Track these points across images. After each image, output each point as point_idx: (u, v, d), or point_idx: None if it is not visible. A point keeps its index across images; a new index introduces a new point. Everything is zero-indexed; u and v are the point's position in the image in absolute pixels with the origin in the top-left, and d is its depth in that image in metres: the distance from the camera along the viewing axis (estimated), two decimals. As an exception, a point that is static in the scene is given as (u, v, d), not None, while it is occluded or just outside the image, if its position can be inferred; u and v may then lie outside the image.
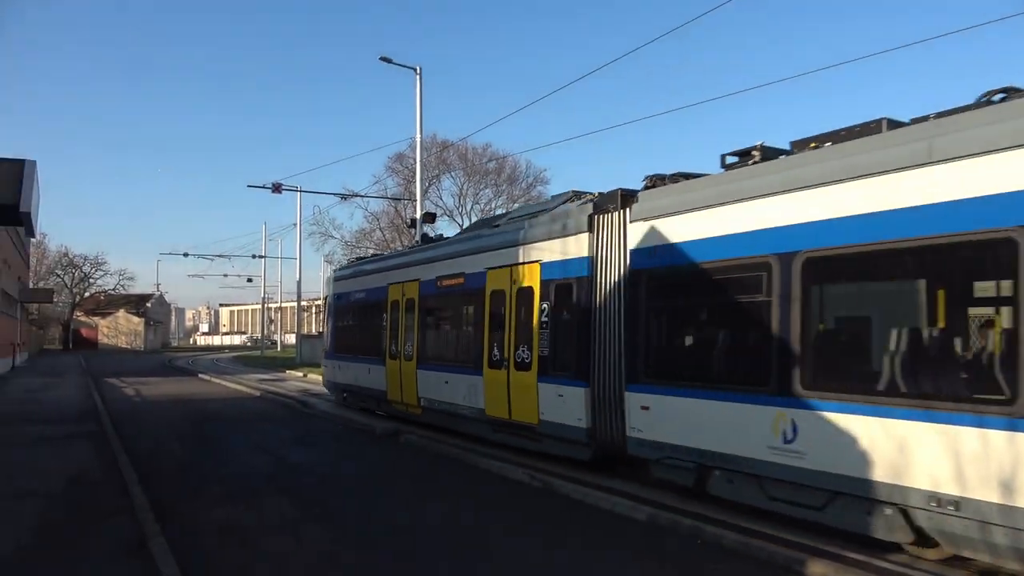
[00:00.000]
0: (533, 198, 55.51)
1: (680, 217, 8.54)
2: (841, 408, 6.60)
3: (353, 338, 18.47)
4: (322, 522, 7.99)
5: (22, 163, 13.27)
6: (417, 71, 25.43)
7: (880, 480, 6.27)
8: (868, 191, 6.54)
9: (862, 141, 6.93)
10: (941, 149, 6.03)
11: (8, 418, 16.85)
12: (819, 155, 7.31)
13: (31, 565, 6.29)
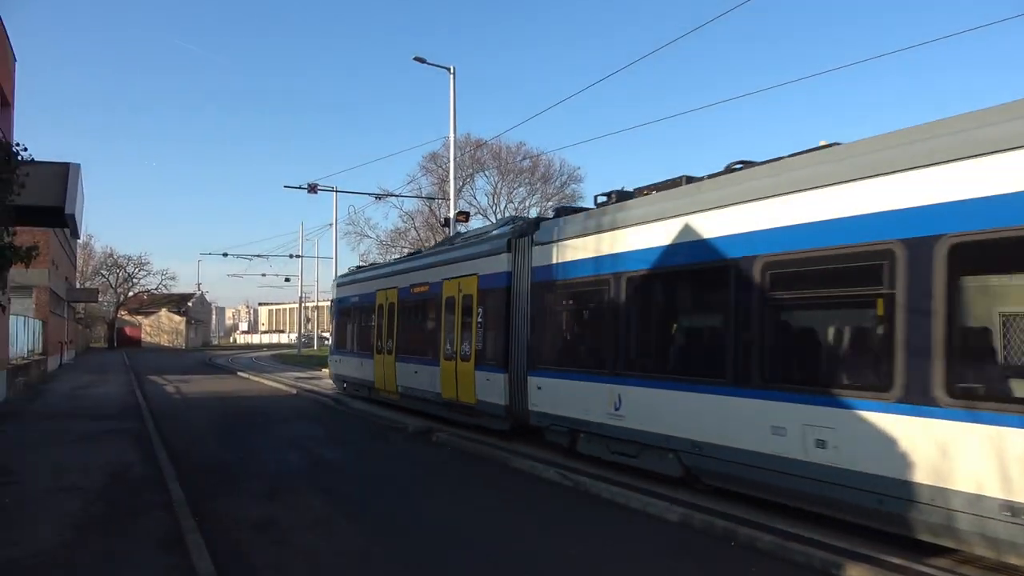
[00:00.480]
0: (567, 196, 55.33)
1: (560, 244, 11.35)
2: (644, 384, 9.44)
3: (351, 336, 21.38)
4: (354, 519, 8.05)
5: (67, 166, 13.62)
6: (451, 71, 25.50)
7: (661, 433, 9.01)
8: (671, 228, 9.09)
9: (667, 192, 9.78)
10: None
11: (56, 414, 17.34)
12: (639, 201, 10.11)
13: (71, 559, 6.43)
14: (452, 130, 26.37)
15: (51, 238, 33.08)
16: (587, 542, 7.19)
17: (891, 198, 6.54)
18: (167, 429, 15.01)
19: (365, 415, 17.57)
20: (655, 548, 7.00)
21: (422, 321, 16.43)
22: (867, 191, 6.77)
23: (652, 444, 9.21)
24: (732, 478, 8.12)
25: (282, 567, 6.39)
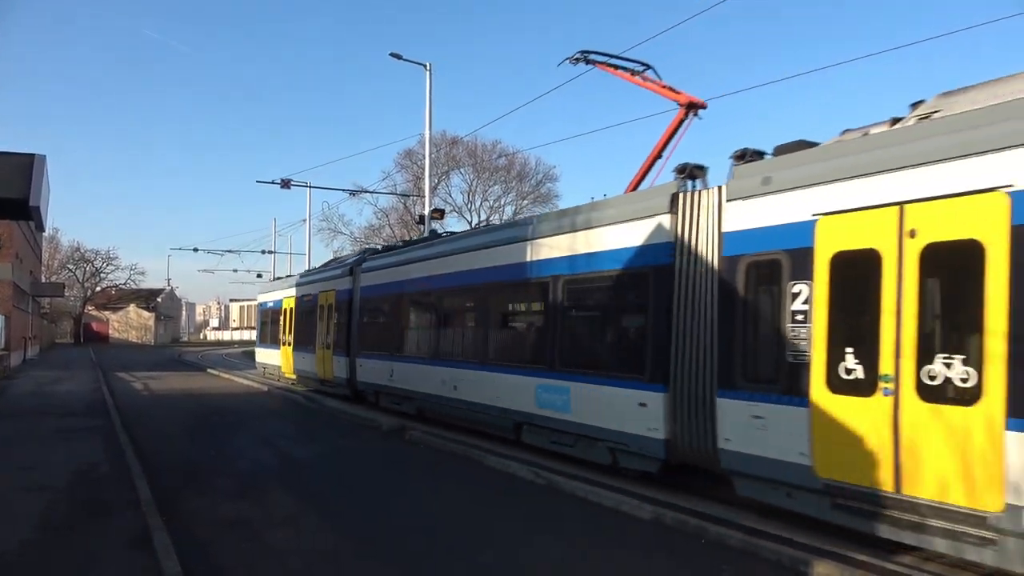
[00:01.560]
0: (542, 195, 55.46)
1: (371, 272, 17.78)
2: (404, 360, 15.46)
3: (268, 332, 28.06)
4: (325, 517, 8.00)
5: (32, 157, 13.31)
6: (427, 67, 25.38)
7: (406, 388, 15.25)
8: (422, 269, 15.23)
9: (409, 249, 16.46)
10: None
11: (19, 411, 16.97)
12: (396, 254, 16.80)
13: (35, 559, 6.31)
14: (427, 127, 26.28)
15: (15, 231, 32.41)
16: (562, 540, 7.22)
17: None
18: (135, 427, 14.76)
19: (337, 413, 17.45)
20: (628, 545, 7.05)
21: (308, 321, 21.81)
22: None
23: (401, 394, 15.53)
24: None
25: (251, 566, 6.34)
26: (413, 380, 14.92)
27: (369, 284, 17.65)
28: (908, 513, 6.11)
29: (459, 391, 12.95)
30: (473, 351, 12.83)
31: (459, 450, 11.97)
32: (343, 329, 18.85)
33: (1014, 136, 5.55)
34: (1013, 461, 5.38)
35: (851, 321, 6.65)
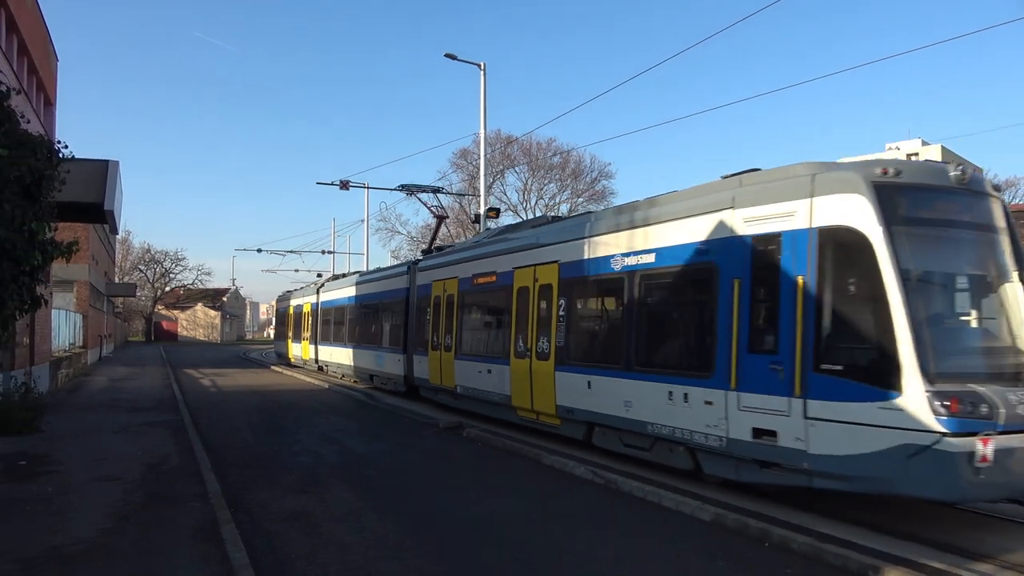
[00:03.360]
0: (597, 193, 55.14)
1: (427, 272, 18.16)
2: (468, 359, 15.63)
3: (291, 330, 36.10)
4: (384, 512, 8.10)
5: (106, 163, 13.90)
6: (481, 67, 25.49)
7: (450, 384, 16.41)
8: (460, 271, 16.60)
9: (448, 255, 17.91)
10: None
11: (96, 406, 17.75)
12: (443, 255, 18.42)
13: (111, 547, 6.57)
14: (482, 126, 26.37)
15: (91, 234, 33.80)
16: (619, 541, 7.15)
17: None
18: (203, 422, 15.27)
19: (395, 410, 17.68)
20: (688, 548, 6.94)
21: (360, 321, 24.54)
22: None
23: (444, 388, 16.61)
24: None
25: (314, 559, 6.46)
26: (462, 376, 15.50)
27: (424, 283, 18.05)
28: (532, 413, 12.80)
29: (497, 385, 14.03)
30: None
31: (516, 448, 11.98)
32: (401, 327, 19.68)
33: (560, 241, 12.22)
34: (560, 387, 11.65)
35: (521, 322, 13.19)
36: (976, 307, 7.92)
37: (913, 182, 7.67)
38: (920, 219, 7.66)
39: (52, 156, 7.70)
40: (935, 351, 6.94)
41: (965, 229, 7.86)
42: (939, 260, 7.83)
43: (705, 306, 8.94)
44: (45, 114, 20.03)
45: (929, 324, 7.17)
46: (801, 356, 7.49)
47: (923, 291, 7.40)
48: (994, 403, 6.62)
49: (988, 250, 7.91)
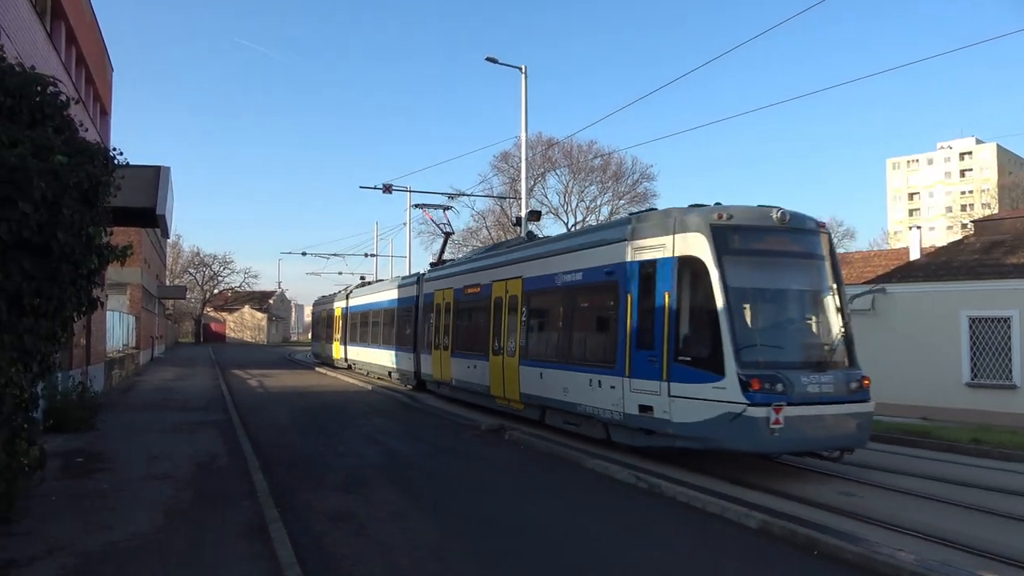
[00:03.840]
0: (639, 195, 54.70)
1: (444, 281, 19.75)
2: (461, 355, 18.15)
3: (322, 332, 40.88)
4: (429, 514, 8.14)
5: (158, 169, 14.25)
6: (523, 70, 25.51)
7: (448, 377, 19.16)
8: (453, 283, 19.38)
9: (446, 269, 21.16)
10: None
11: (148, 405, 18.24)
12: (445, 269, 21.24)
13: (163, 543, 6.74)
14: (523, 129, 26.37)
15: (143, 238, 34.77)
16: (663, 547, 7.06)
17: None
18: (250, 421, 15.57)
19: (438, 412, 17.78)
20: (734, 556, 6.82)
21: (377, 324, 27.76)
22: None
23: (444, 382, 19.44)
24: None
25: (359, 559, 6.52)
26: (456, 371, 18.48)
27: (428, 292, 21.30)
28: (504, 400, 15.36)
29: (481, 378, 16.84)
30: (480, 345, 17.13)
31: (557, 451, 11.94)
32: (410, 329, 23.06)
33: (524, 260, 14.87)
34: (522, 378, 14.07)
35: (497, 325, 15.84)
36: (789, 314, 10.78)
37: (741, 223, 10.39)
38: (745, 250, 10.35)
39: (108, 163, 7.90)
40: (747, 346, 9.64)
41: (784, 256, 10.63)
42: (759, 280, 10.45)
43: (611, 314, 11.64)
44: (101, 122, 20.68)
45: (745, 327, 10.03)
46: (667, 350, 10.17)
47: (743, 302, 10.18)
48: (788, 383, 9.30)
49: (805, 272, 10.75)
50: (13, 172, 6.39)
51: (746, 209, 10.88)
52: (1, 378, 6.46)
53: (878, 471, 10.68)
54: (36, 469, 7.77)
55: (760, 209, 10.83)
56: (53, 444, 11.00)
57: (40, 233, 6.65)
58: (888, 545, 6.66)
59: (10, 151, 6.48)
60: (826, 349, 10.37)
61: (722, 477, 9.82)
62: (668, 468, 10.33)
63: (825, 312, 10.67)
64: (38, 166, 6.55)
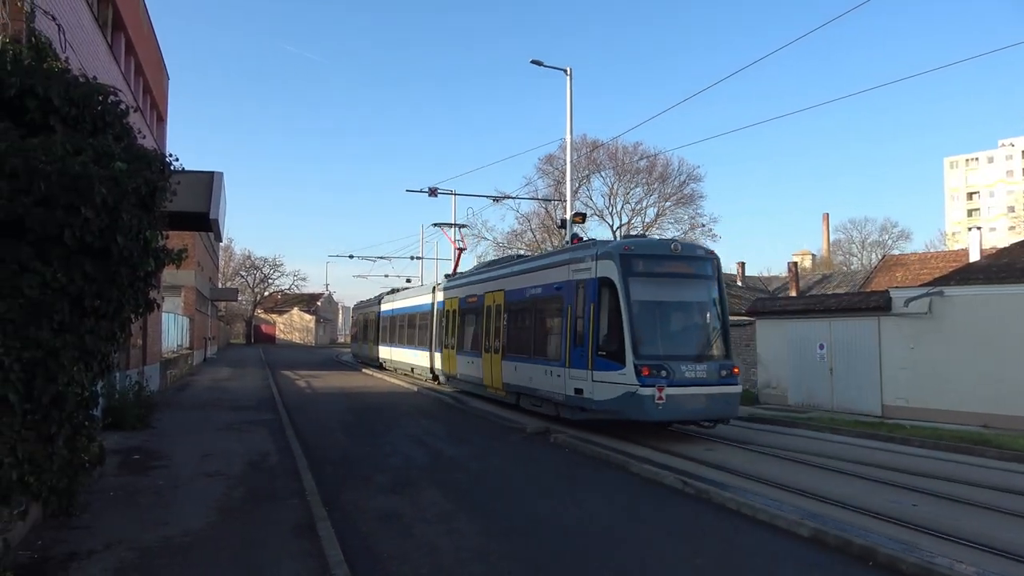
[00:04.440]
0: (686, 196, 54.04)
1: (451, 291, 23.29)
2: (464, 353, 21.70)
3: (360, 334, 44.98)
4: (474, 516, 8.17)
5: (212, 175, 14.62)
6: (567, 72, 25.47)
7: (465, 375, 21.84)
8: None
9: (461, 278, 24.68)
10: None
11: (201, 404, 18.72)
12: (455, 280, 24.90)
13: (216, 540, 6.90)
14: (568, 131, 26.31)
15: (197, 241, 35.73)
16: (711, 556, 6.95)
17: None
18: (299, 421, 15.86)
19: (483, 414, 17.84)
20: (786, 566, 6.67)
21: (410, 327, 30.31)
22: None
23: (451, 375, 23.09)
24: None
25: (406, 558, 6.58)
26: (460, 367, 22.25)
27: (443, 299, 25.20)
28: (493, 389, 18.76)
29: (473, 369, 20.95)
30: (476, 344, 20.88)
31: (603, 454, 11.86)
32: (428, 331, 26.90)
33: (504, 276, 18.85)
34: (504, 371, 17.76)
35: (488, 328, 19.43)
36: (677, 320, 14.15)
37: (643, 253, 13.91)
38: (644, 272, 13.59)
39: (164, 169, 8.14)
40: (642, 343, 13.03)
41: (675, 277, 13.99)
42: (655, 294, 13.70)
43: (558, 320, 15.23)
44: (157, 129, 21.33)
45: (642, 329, 13.25)
46: (591, 347, 13.63)
47: (642, 311, 13.38)
48: (670, 370, 12.71)
49: (692, 288, 14.13)
50: (77, 180, 6.63)
51: (650, 241, 15.78)
52: (64, 377, 6.70)
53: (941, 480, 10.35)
54: (96, 465, 8.05)
55: (661, 241, 15.93)
56: (111, 441, 11.37)
57: (101, 237, 6.89)
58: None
59: (74, 159, 6.73)
60: (704, 345, 13.85)
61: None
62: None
63: (706, 318, 14.15)
64: (99, 173, 6.79)
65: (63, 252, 6.73)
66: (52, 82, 7.12)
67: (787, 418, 17.64)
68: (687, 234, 54.01)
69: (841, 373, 19.70)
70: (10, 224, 6.51)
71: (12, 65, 7.07)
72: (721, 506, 8.69)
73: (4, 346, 6.21)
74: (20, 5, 8.46)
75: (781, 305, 24.15)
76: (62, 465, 7.02)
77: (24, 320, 6.40)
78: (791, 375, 21.23)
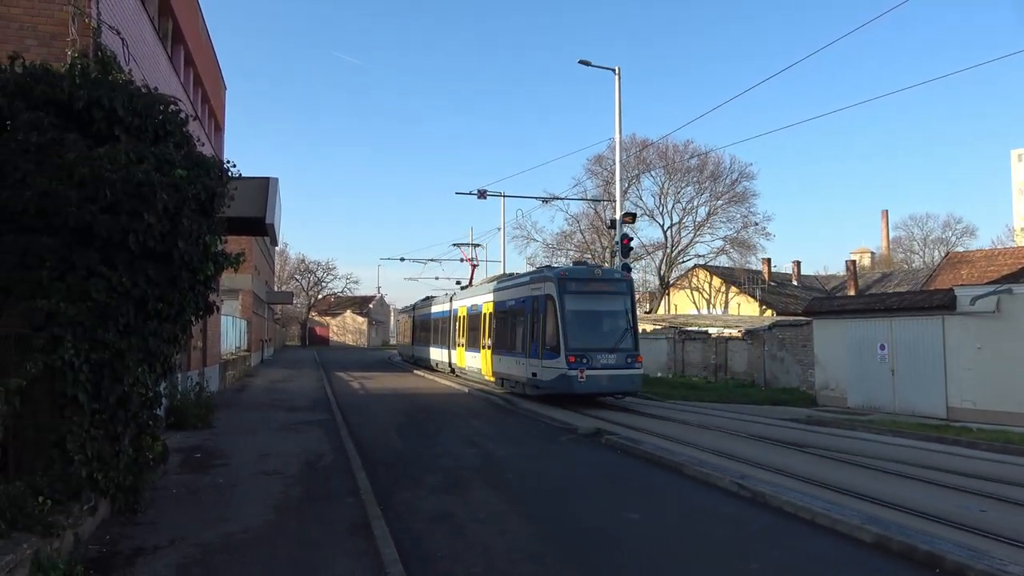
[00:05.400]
0: (738, 195, 53.14)
1: (461, 300, 30.20)
2: (470, 349, 27.89)
3: (402, 334, 49.83)
4: (526, 518, 8.15)
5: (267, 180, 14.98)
6: (616, 72, 25.33)
7: (474, 367, 27.67)
8: (484, 298, 26.97)
9: (470, 289, 31.80)
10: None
11: (258, 405, 19.18)
12: (476, 288, 30.37)
13: (274, 537, 7.05)
14: (617, 131, 26.14)
15: (253, 246, 36.62)
16: (769, 562, 6.79)
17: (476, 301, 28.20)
18: (353, 422, 16.10)
19: (534, 415, 17.82)
20: (847, 573, 6.47)
21: (432, 329, 36.22)
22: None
23: (461, 368, 29.20)
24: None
25: (458, 558, 6.61)
26: (468, 360, 28.41)
27: (456, 306, 31.23)
28: (488, 376, 25.07)
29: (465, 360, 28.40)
30: (472, 342, 27.45)
31: (656, 456, 11.71)
32: (448, 333, 32.33)
33: (494, 291, 25.07)
34: (493, 362, 24.09)
35: (485, 331, 26.07)
36: (597, 323, 19.33)
37: (574, 277, 19.71)
38: (575, 290, 19.20)
39: (223, 175, 8.38)
40: (572, 340, 18.39)
41: (597, 293, 19.75)
42: (582, 305, 19.20)
43: (524, 324, 20.93)
44: (215, 137, 21.95)
45: (572, 330, 18.62)
46: (541, 343, 19.25)
47: (573, 318, 18.81)
48: (589, 358, 18.19)
49: (609, 301, 19.88)
50: (140, 187, 6.88)
51: (580, 268, 21.63)
52: (129, 378, 6.95)
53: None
54: (160, 463, 8.32)
55: (588, 267, 22.10)
56: (173, 440, 11.73)
57: (163, 242, 7.13)
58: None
59: (137, 167, 6.97)
60: (615, 341, 19.20)
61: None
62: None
63: (618, 322, 19.73)
64: (161, 180, 7.03)
65: (127, 257, 6.99)
66: (117, 93, 7.40)
67: (846, 420, 17.16)
68: (739, 233, 53.21)
69: (903, 374, 19.08)
70: (79, 231, 6.79)
71: (80, 78, 7.37)
72: (779, 509, 8.48)
73: (74, 348, 6.47)
74: (87, 21, 8.82)
75: (839, 304, 23.53)
76: (128, 463, 7.27)
77: (92, 323, 6.66)
78: (850, 376, 20.65)
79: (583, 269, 21.31)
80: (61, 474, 6.44)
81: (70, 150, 6.82)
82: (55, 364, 6.33)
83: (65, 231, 6.72)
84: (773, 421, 17.23)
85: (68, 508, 6.26)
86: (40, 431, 6.49)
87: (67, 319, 6.46)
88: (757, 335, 28.34)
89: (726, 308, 53.31)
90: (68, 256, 6.73)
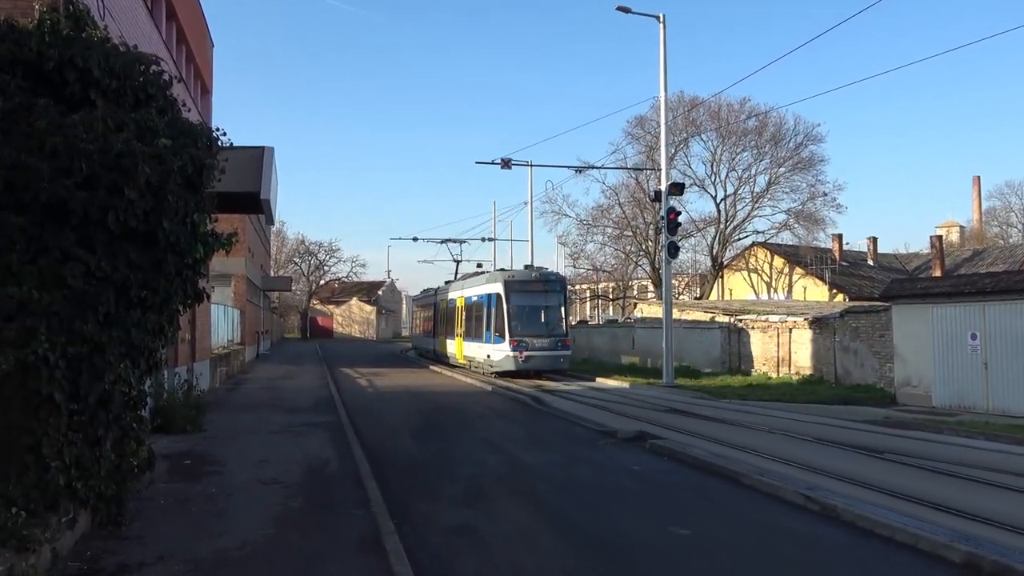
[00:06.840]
0: (803, 161, 52.44)
1: (449, 293, 39.35)
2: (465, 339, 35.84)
3: (414, 325, 58.66)
4: (560, 534, 8.19)
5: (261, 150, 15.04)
6: (660, 19, 25.07)
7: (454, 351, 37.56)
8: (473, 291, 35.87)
9: (457, 283, 41.10)
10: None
11: (255, 405, 19.46)
12: (462, 283, 39.23)
13: (273, 554, 7.16)
14: (662, 88, 25.97)
15: (247, 225, 36.87)
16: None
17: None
18: (361, 424, 16.27)
19: (567, 416, 17.87)
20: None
21: (424, 321, 46.94)
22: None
23: (443, 354, 38.92)
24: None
25: (483, 579, 6.67)
26: (448, 347, 37.45)
27: (443, 299, 40.30)
28: (460, 360, 35.42)
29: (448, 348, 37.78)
30: (449, 330, 37.28)
31: (709, 463, 11.67)
32: (434, 322, 42.15)
33: (465, 287, 36.46)
34: (463, 348, 34.70)
35: (458, 321, 36.32)
36: (535, 316, 30.09)
37: (517, 278, 30.76)
38: (518, 289, 29.94)
39: (212, 145, 8.44)
40: (515, 329, 28.92)
41: (536, 291, 30.53)
42: (523, 301, 29.82)
43: (483, 316, 31.19)
44: (202, 102, 22.16)
45: (515, 321, 29.09)
46: (493, 331, 29.78)
47: (516, 311, 29.41)
48: (529, 344, 28.79)
49: (545, 297, 30.70)
50: (119, 158, 6.95)
51: (522, 270, 33.57)
52: (110, 374, 7.05)
53: None
54: (145, 470, 8.47)
55: (529, 270, 32.97)
56: (160, 445, 11.94)
57: (146, 221, 7.20)
58: None
59: (116, 136, 7.04)
60: (549, 329, 29.52)
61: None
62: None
63: (552, 314, 30.24)
64: (143, 150, 7.09)
65: (107, 238, 7.07)
66: (91, 52, 7.46)
67: (930, 422, 16.97)
68: (805, 205, 52.64)
69: (999, 369, 18.79)
70: (52, 208, 6.87)
71: (50, 36, 7.45)
72: (851, 524, 8.42)
73: (49, 341, 6.56)
74: (56, -30, 8.89)
75: (923, 287, 23.21)
76: (110, 470, 7.41)
77: (69, 313, 6.75)
78: (935, 371, 20.42)
79: (525, 272, 32.56)
80: (36, 482, 6.57)
81: (40, 117, 6.91)
82: (28, 359, 6.43)
83: (36, 208, 6.81)
84: (845, 423, 17.09)
85: (45, 520, 6.41)
86: (12, 434, 6.62)
87: (41, 308, 6.55)
88: (826, 323, 28.04)
89: (790, 292, 52.77)
90: (40, 237, 6.82)
